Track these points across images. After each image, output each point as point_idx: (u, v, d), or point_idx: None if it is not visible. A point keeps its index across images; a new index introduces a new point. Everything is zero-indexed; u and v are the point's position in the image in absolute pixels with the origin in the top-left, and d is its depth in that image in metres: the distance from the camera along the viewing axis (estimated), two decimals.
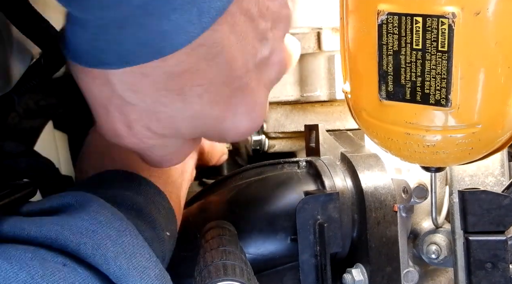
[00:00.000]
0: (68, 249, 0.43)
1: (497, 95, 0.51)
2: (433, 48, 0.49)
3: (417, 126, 0.53)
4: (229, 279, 0.49)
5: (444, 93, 0.50)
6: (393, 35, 0.51)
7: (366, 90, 0.56)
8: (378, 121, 0.56)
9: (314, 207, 0.67)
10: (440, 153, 0.55)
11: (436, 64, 0.50)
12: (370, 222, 0.70)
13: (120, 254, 0.44)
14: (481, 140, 0.53)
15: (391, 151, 0.59)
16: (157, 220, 0.56)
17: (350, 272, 0.71)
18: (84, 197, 0.49)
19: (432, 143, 0.54)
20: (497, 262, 0.61)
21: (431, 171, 0.64)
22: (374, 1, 0.51)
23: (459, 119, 0.52)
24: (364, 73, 0.55)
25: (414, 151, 0.55)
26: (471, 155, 0.56)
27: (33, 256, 0.41)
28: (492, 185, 0.75)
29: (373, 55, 0.53)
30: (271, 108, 1.00)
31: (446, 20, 0.47)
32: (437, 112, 0.52)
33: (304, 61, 0.93)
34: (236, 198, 0.73)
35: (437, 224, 0.75)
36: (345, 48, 0.58)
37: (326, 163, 0.75)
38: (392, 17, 0.50)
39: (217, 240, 0.61)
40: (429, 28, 0.48)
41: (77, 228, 0.44)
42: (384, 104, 0.54)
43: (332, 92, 0.90)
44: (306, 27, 0.88)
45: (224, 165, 1.15)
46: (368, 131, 0.60)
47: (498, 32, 0.48)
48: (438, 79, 0.50)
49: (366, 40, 0.53)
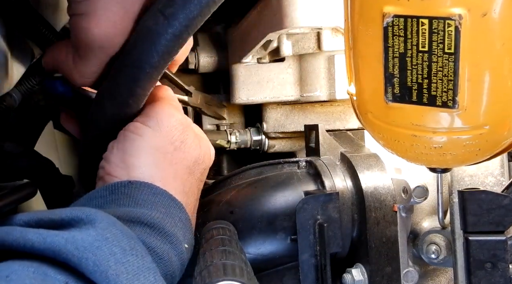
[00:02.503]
0: (70, 264, 0.43)
1: (504, 96, 0.51)
2: (439, 50, 0.49)
3: (424, 128, 0.53)
4: (229, 279, 0.49)
5: (451, 95, 0.50)
6: (399, 37, 0.50)
7: (372, 93, 0.56)
8: (384, 123, 0.56)
9: (314, 207, 0.67)
10: (447, 154, 0.55)
11: (442, 66, 0.49)
12: (370, 222, 0.70)
13: (122, 274, 0.43)
14: (488, 141, 0.53)
15: (398, 153, 0.59)
16: (174, 234, 0.55)
17: (350, 272, 0.71)
18: (96, 213, 0.47)
19: (439, 144, 0.54)
20: (496, 262, 0.61)
21: (437, 172, 0.64)
22: (379, 3, 0.50)
23: (466, 120, 0.51)
24: (369, 75, 0.55)
25: (421, 152, 0.55)
26: (478, 156, 0.55)
27: (35, 271, 0.41)
28: (492, 185, 0.75)
29: (378, 57, 0.53)
30: (271, 108, 1.00)
31: (452, 22, 0.47)
32: (444, 114, 0.51)
33: (304, 61, 0.94)
34: (236, 198, 0.73)
35: (444, 224, 0.75)
36: (350, 51, 0.58)
37: (326, 163, 0.75)
38: (398, 19, 0.50)
39: (217, 240, 0.61)
40: (435, 30, 0.48)
41: (82, 242, 0.43)
42: (390, 106, 0.54)
43: (332, 92, 0.90)
44: (306, 27, 0.88)
45: (224, 165, 1.15)
46: (374, 133, 0.60)
47: (505, 33, 0.48)
48: (445, 81, 0.50)
49: (372, 42, 0.53)
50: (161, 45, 0.54)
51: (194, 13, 0.53)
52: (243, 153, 1.09)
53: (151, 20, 0.54)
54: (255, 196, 0.72)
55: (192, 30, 0.54)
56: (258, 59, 0.98)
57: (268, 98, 0.97)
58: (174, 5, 0.53)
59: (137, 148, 0.57)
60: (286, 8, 0.86)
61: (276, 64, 0.96)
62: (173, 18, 0.53)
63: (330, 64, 0.90)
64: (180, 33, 0.54)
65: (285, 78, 0.96)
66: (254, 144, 1.05)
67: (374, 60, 0.53)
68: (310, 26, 0.87)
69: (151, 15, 0.54)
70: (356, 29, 0.55)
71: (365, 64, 0.56)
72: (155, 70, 0.56)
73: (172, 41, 0.54)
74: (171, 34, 0.53)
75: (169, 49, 0.54)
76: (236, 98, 0.98)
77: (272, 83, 0.96)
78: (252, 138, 1.05)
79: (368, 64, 0.55)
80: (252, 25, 0.93)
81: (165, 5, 0.53)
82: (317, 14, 0.86)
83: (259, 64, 0.98)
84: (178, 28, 0.53)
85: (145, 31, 0.54)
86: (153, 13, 0.54)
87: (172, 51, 0.55)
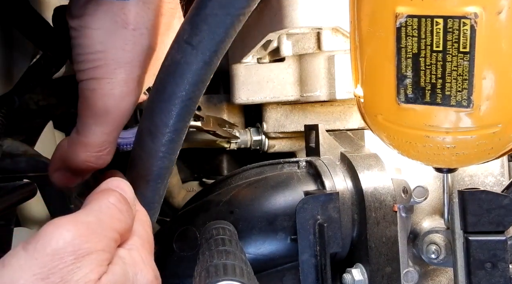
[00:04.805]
0: None
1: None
2: (454, 49, 0.49)
3: (437, 128, 0.53)
4: (229, 279, 0.49)
5: (465, 94, 0.50)
6: (412, 37, 0.50)
7: (382, 94, 0.55)
8: (396, 125, 0.55)
9: (314, 207, 0.67)
10: (460, 154, 0.54)
11: (457, 65, 0.49)
12: (370, 222, 0.70)
13: None
14: (501, 140, 0.53)
15: (409, 155, 0.58)
16: None
17: (350, 272, 0.71)
18: None
19: (452, 144, 0.53)
20: (496, 262, 0.61)
21: (443, 172, 0.64)
22: (391, 4, 0.50)
23: (479, 119, 0.51)
24: (380, 77, 0.55)
25: (434, 153, 0.55)
26: (491, 154, 0.55)
27: None
28: (492, 185, 0.75)
29: (390, 58, 0.52)
30: (271, 108, 1.00)
31: (468, 21, 0.47)
32: (458, 114, 0.51)
33: (304, 61, 0.94)
34: (236, 198, 0.73)
35: (449, 224, 0.75)
36: (356, 52, 0.57)
37: (326, 163, 0.75)
38: (411, 19, 0.49)
39: (217, 240, 0.61)
40: (450, 29, 0.48)
41: None
42: (402, 107, 0.53)
43: (332, 92, 0.90)
44: (306, 27, 0.88)
45: (224, 165, 1.15)
46: (383, 136, 0.59)
47: None
48: (459, 80, 0.50)
49: (383, 43, 0.52)
50: (193, 75, 0.54)
51: (222, 37, 0.53)
52: (243, 153, 1.09)
53: (178, 53, 0.54)
54: (255, 196, 0.72)
55: (221, 54, 0.55)
56: (258, 59, 0.98)
57: (268, 98, 0.97)
58: (200, 33, 0.53)
59: None
60: (286, 8, 0.86)
61: (276, 64, 0.96)
62: (202, 46, 0.53)
63: (330, 64, 0.90)
64: (210, 59, 0.54)
65: (285, 78, 0.96)
66: (254, 144, 1.05)
67: (385, 61, 0.53)
68: (310, 26, 0.88)
69: (177, 48, 0.54)
70: (364, 30, 0.54)
71: (375, 65, 0.55)
72: (191, 102, 0.55)
73: (204, 69, 0.54)
74: (202, 62, 0.53)
75: (201, 77, 0.54)
76: (236, 98, 0.98)
77: (272, 83, 0.96)
78: (252, 138, 1.05)
79: (379, 65, 0.54)
80: (252, 25, 0.93)
81: (191, 35, 0.53)
82: (317, 14, 0.86)
83: (259, 64, 0.98)
84: (208, 55, 0.53)
85: (174, 65, 0.54)
86: (179, 45, 0.54)
87: (205, 79, 0.55)
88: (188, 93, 0.54)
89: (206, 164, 1.18)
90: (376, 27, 0.53)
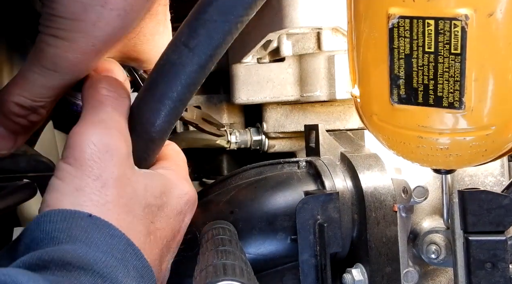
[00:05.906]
0: None
1: (511, 96, 0.50)
2: (445, 50, 0.49)
3: (430, 129, 0.53)
4: (229, 279, 0.49)
5: (457, 96, 0.50)
6: (405, 38, 0.50)
7: (377, 95, 0.55)
8: (390, 125, 0.56)
9: (314, 207, 0.67)
10: (453, 155, 0.54)
11: (449, 67, 0.49)
12: (370, 222, 0.70)
13: None
14: (495, 142, 0.53)
15: (403, 155, 0.58)
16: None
17: (350, 272, 0.71)
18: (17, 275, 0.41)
19: (445, 146, 0.54)
20: (496, 262, 0.61)
21: (441, 173, 0.64)
22: (384, 5, 0.50)
23: (472, 121, 0.51)
24: (374, 77, 0.55)
25: (427, 154, 0.55)
26: (485, 157, 0.55)
27: None
28: (492, 185, 0.75)
29: (383, 59, 0.52)
30: (271, 108, 1.00)
31: (459, 23, 0.47)
32: (450, 115, 0.51)
33: (304, 61, 0.94)
34: (236, 198, 0.73)
35: (449, 224, 0.75)
36: (353, 52, 0.57)
37: (326, 163, 0.75)
38: (403, 20, 0.50)
39: (217, 240, 0.61)
40: (441, 31, 0.48)
41: None
42: (396, 108, 0.54)
43: (332, 92, 0.90)
44: (306, 27, 0.88)
45: (224, 165, 1.15)
46: (379, 136, 0.59)
47: (511, 32, 0.48)
48: (451, 81, 0.50)
49: (376, 44, 0.53)
50: (187, 77, 0.54)
51: (219, 42, 0.53)
52: (243, 153, 1.09)
53: (174, 54, 0.54)
54: (255, 196, 0.72)
55: (217, 59, 0.55)
56: (258, 59, 0.98)
57: (268, 98, 0.97)
58: (198, 36, 0.53)
59: None
60: (286, 8, 0.86)
61: (276, 64, 0.97)
62: (199, 49, 0.53)
63: (330, 64, 0.90)
64: (205, 63, 0.54)
65: (285, 78, 0.96)
66: (254, 144, 1.05)
67: (379, 62, 0.53)
68: (310, 26, 0.88)
69: (174, 49, 0.54)
70: (360, 31, 0.55)
71: (370, 66, 0.55)
72: (180, 103, 0.56)
73: (198, 73, 0.54)
74: (197, 65, 0.54)
75: (194, 80, 0.55)
76: (236, 98, 0.98)
77: (272, 83, 0.96)
78: (252, 138, 1.05)
79: (373, 65, 0.55)
80: (252, 25, 0.93)
81: (189, 37, 0.53)
82: (317, 14, 0.86)
83: (259, 64, 0.98)
84: (204, 58, 0.54)
85: (169, 65, 0.54)
86: (176, 46, 0.54)
87: (197, 82, 0.55)
88: (179, 95, 0.54)
89: (206, 164, 1.18)
90: (370, 27, 0.53)
